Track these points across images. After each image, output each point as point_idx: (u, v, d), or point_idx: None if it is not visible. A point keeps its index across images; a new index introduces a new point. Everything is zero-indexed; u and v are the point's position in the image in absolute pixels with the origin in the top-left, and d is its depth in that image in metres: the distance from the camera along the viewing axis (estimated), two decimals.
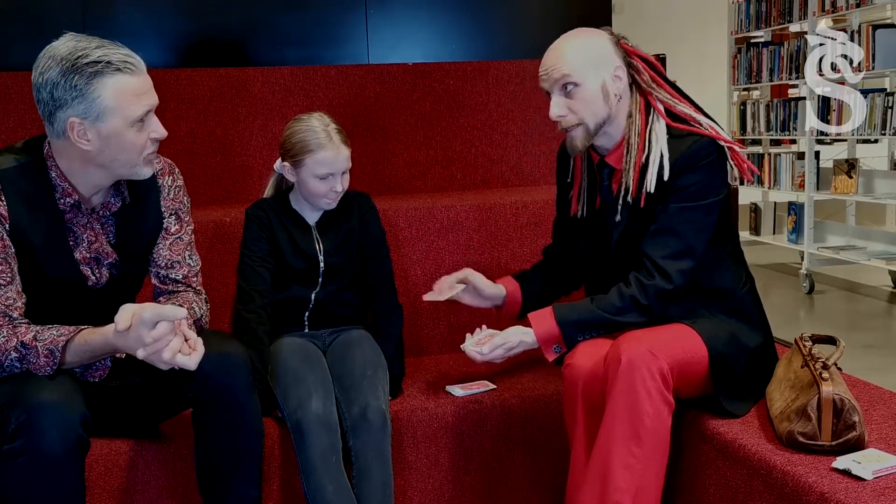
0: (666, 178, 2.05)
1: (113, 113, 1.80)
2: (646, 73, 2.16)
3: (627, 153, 2.12)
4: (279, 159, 2.39)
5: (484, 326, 2.23)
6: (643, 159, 2.09)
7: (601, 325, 2.11)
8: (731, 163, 2.11)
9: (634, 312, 2.07)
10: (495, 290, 2.34)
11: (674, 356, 1.97)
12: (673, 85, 2.19)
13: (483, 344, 2.17)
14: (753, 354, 2.13)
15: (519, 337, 2.15)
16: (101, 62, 1.78)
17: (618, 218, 2.15)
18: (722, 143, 2.09)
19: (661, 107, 2.13)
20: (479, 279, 2.32)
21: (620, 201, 2.13)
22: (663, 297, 2.07)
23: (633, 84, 2.16)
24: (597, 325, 2.11)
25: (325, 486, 2.08)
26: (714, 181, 2.08)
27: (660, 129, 2.09)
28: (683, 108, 2.13)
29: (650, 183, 2.06)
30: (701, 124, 2.11)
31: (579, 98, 2.09)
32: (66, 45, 1.79)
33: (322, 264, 2.38)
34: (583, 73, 2.09)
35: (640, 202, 2.09)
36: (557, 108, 2.11)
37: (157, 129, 1.87)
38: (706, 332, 2.06)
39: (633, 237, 2.13)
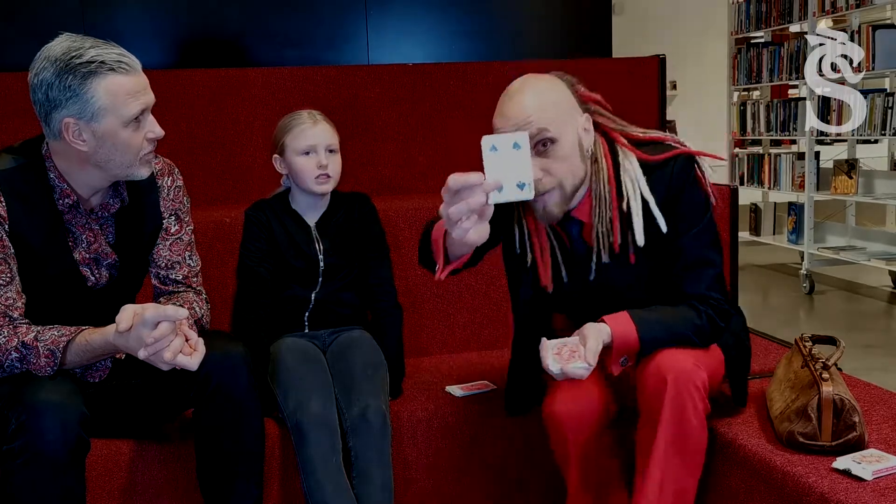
0: (664, 228, 1.91)
1: (107, 113, 1.80)
2: (604, 111, 1.99)
3: (597, 205, 1.93)
4: (274, 157, 2.41)
5: (544, 339, 1.85)
6: (624, 208, 1.91)
7: (677, 342, 1.90)
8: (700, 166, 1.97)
9: (711, 333, 1.94)
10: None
11: (708, 365, 1.92)
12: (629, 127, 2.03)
13: (568, 358, 1.81)
14: (742, 348, 2.13)
15: (601, 337, 1.85)
16: (94, 62, 1.78)
17: (592, 276, 1.99)
18: (692, 154, 1.95)
19: (624, 140, 1.96)
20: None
21: (594, 260, 1.97)
22: (728, 321, 1.98)
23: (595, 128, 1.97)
24: (674, 342, 1.90)
25: (324, 487, 2.08)
26: (704, 189, 1.96)
27: (632, 167, 1.93)
28: (644, 131, 2.00)
29: (639, 236, 1.91)
30: (665, 137, 1.99)
31: (557, 156, 1.86)
32: (60, 45, 1.80)
33: (322, 264, 2.38)
34: (559, 127, 1.85)
35: (629, 258, 1.94)
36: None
37: (154, 129, 1.87)
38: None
39: (623, 284, 1.99)
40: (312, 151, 2.32)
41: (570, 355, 1.80)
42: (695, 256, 1.94)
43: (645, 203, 1.92)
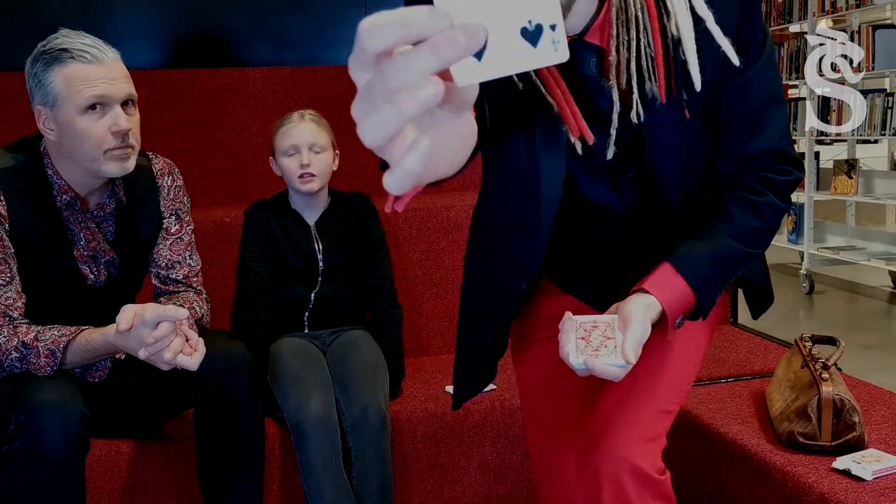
0: (736, 61, 1.27)
1: (63, 100, 1.81)
2: None
3: (624, 29, 1.25)
4: (270, 159, 2.42)
5: (569, 314, 1.29)
6: (673, 31, 1.26)
7: (740, 265, 1.38)
8: None
9: (774, 225, 1.38)
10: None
11: (670, 401, 1.43)
12: None
13: (599, 348, 1.25)
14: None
15: (646, 320, 1.28)
16: (57, 49, 1.81)
17: (609, 149, 1.31)
18: None
19: None
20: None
21: (616, 112, 1.28)
22: (793, 190, 1.40)
23: None
24: (736, 268, 1.38)
25: (324, 487, 2.08)
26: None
27: None
28: None
29: (695, 76, 1.26)
30: None
31: None
32: (46, 39, 1.84)
33: (321, 264, 2.38)
34: None
35: (679, 114, 1.30)
36: None
37: (118, 122, 1.83)
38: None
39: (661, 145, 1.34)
40: (295, 151, 2.33)
41: (603, 343, 1.25)
42: (768, 93, 1.35)
43: (700, 24, 1.26)
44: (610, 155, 1.31)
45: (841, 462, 1.77)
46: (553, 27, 0.59)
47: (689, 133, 1.33)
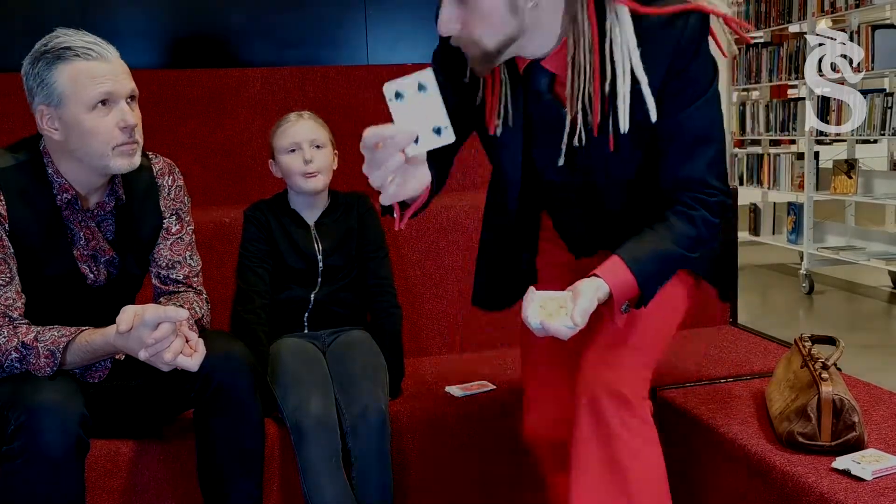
0: (653, 117, 1.60)
1: (69, 98, 1.81)
2: None
3: (576, 76, 1.59)
4: (269, 161, 2.41)
5: (532, 289, 1.61)
6: (605, 89, 1.59)
7: (678, 265, 1.70)
8: (727, 30, 1.67)
9: (706, 235, 1.67)
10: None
11: (644, 347, 1.73)
12: None
13: (552, 313, 1.57)
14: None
15: (595, 294, 1.58)
16: (59, 47, 1.81)
17: (561, 159, 1.69)
18: (709, 13, 1.61)
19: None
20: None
21: (567, 130, 1.65)
22: (726, 212, 1.70)
23: None
24: (674, 267, 1.70)
25: (324, 487, 2.08)
26: (710, 58, 1.65)
27: (623, 36, 1.56)
28: None
29: (623, 123, 1.60)
30: None
31: (474, 9, 1.53)
32: (45, 38, 1.84)
33: (321, 264, 2.38)
34: None
35: (608, 143, 1.63)
36: (448, 21, 1.56)
37: (126, 117, 1.84)
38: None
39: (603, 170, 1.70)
40: (297, 148, 2.33)
41: (557, 311, 1.57)
42: (695, 134, 1.65)
43: (635, 82, 1.59)
44: (560, 162, 1.71)
45: (840, 462, 1.77)
46: (446, 127, 1.37)
47: (616, 157, 1.66)
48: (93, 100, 1.81)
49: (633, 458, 1.66)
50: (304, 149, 2.32)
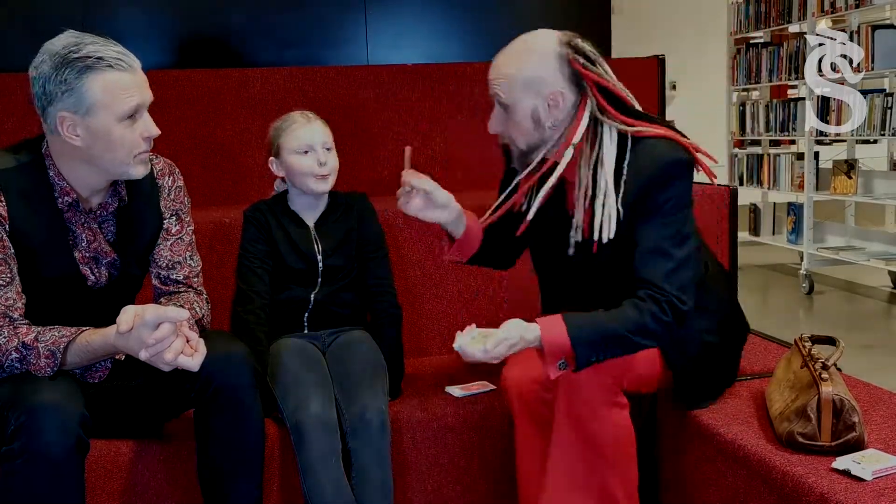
0: (610, 235, 1.93)
1: (101, 108, 1.80)
2: (594, 101, 1.95)
3: (578, 188, 1.96)
4: (270, 159, 2.41)
5: (474, 325, 1.91)
6: (588, 203, 1.95)
7: (619, 345, 1.89)
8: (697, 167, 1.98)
9: (652, 326, 1.88)
10: (449, 200, 2.11)
11: (621, 364, 1.93)
12: (637, 114, 1.99)
13: (475, 340, 1.87)
14: (710, 347, 2.08)
15: (520, 332, 1.87)
16: (91, 57, 1.79)
17: (570, 250, 2.00)
18: (689, 154, 1.95)
19: (615, 123, 1.95)
20: (433, 185, 2.09)
21: (573, 233, 1.98)
22: (680, 317, 1.91)
23: (585, 104, 1.96)
24: (614, 345, 1.88)
25: (324, 487, 2.08)
26: (688, 190, 1.96)
27: (607, 166, 1.93)
28: (647, 127, 1.95)
29: (604, 232, 1.93)
30: (668, 132, 1.96)
31: (511, 119, 1.97)
32: (61, 41, 1.81)
33: (321, 264, 2.38)
34: (514, 95, 1.94)
35: (592, 246, 1.95)
36: (495, 121, 2.01)
37: (149, 128, 1.87)
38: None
39: (596, 264, 2.00)
40: (311, 150, 2.33)
41: (481, 340, 1.85)
42: (651, 245, 1.92)
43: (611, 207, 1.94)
44: (571, 252, 2.00)
45: (840, 462, 1.77)
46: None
47: (597, 254, 1.96)
48: (125, 113, 1.82)
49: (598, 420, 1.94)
50: (318, 151, 2.33)
